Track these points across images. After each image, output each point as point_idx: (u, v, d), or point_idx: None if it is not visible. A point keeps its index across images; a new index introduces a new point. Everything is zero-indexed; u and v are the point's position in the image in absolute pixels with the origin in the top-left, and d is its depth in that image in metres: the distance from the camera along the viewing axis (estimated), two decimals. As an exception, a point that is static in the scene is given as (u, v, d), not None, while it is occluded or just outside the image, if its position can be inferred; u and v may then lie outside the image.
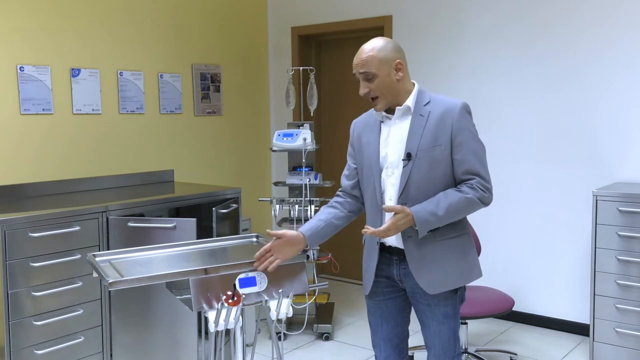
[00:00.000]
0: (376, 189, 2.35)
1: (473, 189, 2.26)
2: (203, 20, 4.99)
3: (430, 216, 2.22)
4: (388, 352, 2.51)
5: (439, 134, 2.26)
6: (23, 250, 3.08)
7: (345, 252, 5.37)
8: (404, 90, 2.33)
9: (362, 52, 2.30)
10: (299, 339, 4.25)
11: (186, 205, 3.90)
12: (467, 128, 2.28)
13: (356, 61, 2.31)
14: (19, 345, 3.08)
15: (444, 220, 2.25)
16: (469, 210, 2.29)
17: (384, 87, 2.29)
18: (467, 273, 2.37)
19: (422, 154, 2.26)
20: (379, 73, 2.27)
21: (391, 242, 2.36)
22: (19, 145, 3.86)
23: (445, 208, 2.22)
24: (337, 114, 5.55)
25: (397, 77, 2.30)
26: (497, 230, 4.51)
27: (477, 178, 2.27)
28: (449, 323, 2.38)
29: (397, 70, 2.30)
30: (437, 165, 2.27)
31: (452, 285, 2.33)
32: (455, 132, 2.26)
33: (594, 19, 4.04)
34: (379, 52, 2.28)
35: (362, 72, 2.29)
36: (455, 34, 4.60)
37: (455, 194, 2.25)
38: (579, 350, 4.01)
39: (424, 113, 2.30)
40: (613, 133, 4.03)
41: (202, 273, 2.17)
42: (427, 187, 2.27)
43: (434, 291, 2.31)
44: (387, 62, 2.28)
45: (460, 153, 2.26)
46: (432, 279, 2.31)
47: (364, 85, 2.31)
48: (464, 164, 2.26)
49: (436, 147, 2.26)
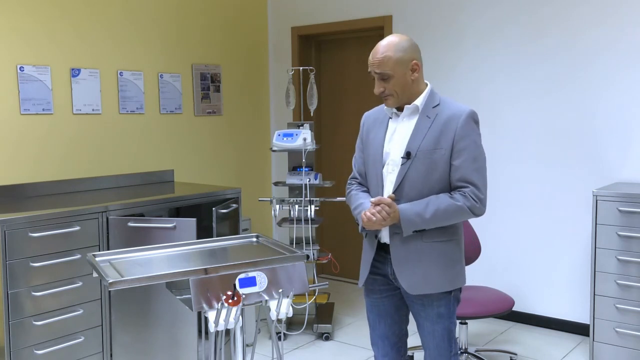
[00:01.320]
0: (378, 184, 2.36)
1: (465, 197, 2.24)
2: (203, 20, 4.99)
3: (416, 217, 2.23)
4: (386, 350, 2.52)
5: (442, 138, 2.26)
6: (23, 250, 3.08)
7: (345, 252, 5.37)
8: (417, 90, 2.33)
9: (378, 52, 2.28)
10: (299, 339, 4.25)
11: (186, 205, 3.90)
12: (470, 136, 2.26)
13: (372, 60, 2.29)
14: (19, 345, 3.08)
15: (430, 224, 2.25)
16: (458, 218, 2.28)
17: (399, 87, 2.29)
18: (451, 280, 2.35)
19: (421, 154, 2.26)
20: (395, 74, 2.27)
21: (383, 238, 2.37)
22: (19, 145, 3.86)
23: (432, 211, 2.22)
24: (337, 114, 5.55)
25: (412, 78, 2.30)
26: (497, 230, 4.51)
27: (471, 187, 2.25)
28: (443, 323, 2.37)
29: (412, 71, 2.29)
30: (435, 168, 2.26)
31: (434, 289, 2.32)
32: (457, 139, 2.25)
33: (594, 18, 4.04)
34: (396, 53, 2.26)
35: (377, 72, 2.28)
36: (455, 34, 4.59)
37: (446, 199, 2.25)
38: (579, 350, 4.01)
39: (431, 115, 2.30)
40: (613, 133, 4.03)
41: (202, 273, 2.17)
42: (422, 188, 2.27)
43: (414, 291, 2.32)
44: (404, 63, 2.27)
45: (459, 159, 2.25)
46: (413, 279, 2.31)
47: (379, 84, 2.30)
48: (460, 170, 2.25)
49: (437, 150, 2.26)
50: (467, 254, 3.61)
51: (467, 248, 3.64)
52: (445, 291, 2.35)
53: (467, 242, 3.68)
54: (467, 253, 3.60)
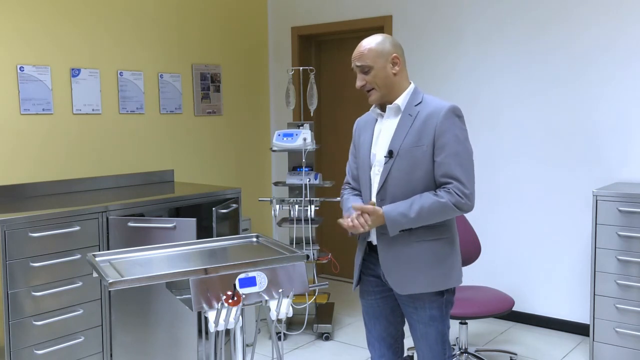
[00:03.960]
0: (367, 186, 2.38)
1: (449, 193, 2.22)
2: (203, 21, 4.99)
3: (401, 217, 2.22)
4: (382, 351, 2.52)
5: (422, 135, 2.26)
6: (23, 250, 3.08)
7: (345, 252, 5.37)
8: (399, 86, 2.34)
9: (361, 46, 2.34)
10: (299, 339, 4.25)
11: (186, 205, 3.90)
12: (451, 131, 2.25)
13: (354, 54, 2.35)
14: (19, 345, 3.08)
15: (416, 223, 2.24)
16: (444, 215, 2.26)
17: (379, 79, 2.31)
18: (442, 279, 2.32)
19: (403, 152, 2.27)
20: (375, 65, 2.30)
21: (372, 239, 2.37)
22: (19, 145, 3.86)
23: (417, 210, 2.22)
24: (337, 114, 5.55)
25: (393, 71, 2.31)
26: (497, 231, 4.51)
27: (455, 182, 2.23)
28: (436, 325, 2.36)
29: (393, 64, 2.31)
30: (418, 165, 2.26)
31: (423, 289, 2.31)
32: (438, 134, 2.24)
33: (594, 18, 4.04)
34: (377, 46, 2.31)
35: (358, 65, 2.33)
36: (455, 34, 4.60)
37: (429, 197, 2.24)
38: (579, 350, 4.01)
39: (413, 113, 2.30)
40: (613, 133, 4.03)
41: (202, 273, 2.17)
42: (406, 187, 2.27)
43: (403, 291, 2.32)
44: (384, 55, 2.30)
45: (441, 156, 2.24)
46: (402, 279, 2.31)
47: (360, 78, 2.35)
48: (442, 166, 2.24)
49: (418, 147, 2.25)
50: (467, 254, 3.61)
51: (467, 248, 3.65)
52: (436, 292, 2.33)
53: (467, 242, 3.68)
54: (467, 253, 3.61)
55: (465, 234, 3.69)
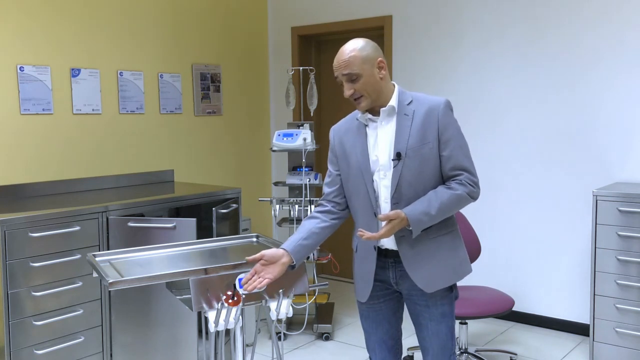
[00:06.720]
0: (369, 194, 2.34)
1: (462, 184, 2.27)
2: (203, 20, 4.99)
3: (424, 216, 2.23)
4: (383, 354, 2.51)
5: (426, 132, 2.27)
6: (23, 250, 3.08)
7: (345, 252, 5.37)
8: (387, 89, 2.33)
9: (343, 54, 2.27)
10: (299, 339, 4.25)
11: (186, 205, 3.90)
12: (452, 125, 2.30)
13: (337, 63, 2.27)
14: (19, 345, 3.08)
15: (437, 219, 2.26)
16: (460, 206, 2.31)
17: (369, 86, 2.28)
18: (460, 269, 2.39)
19: (411, 152, 2.27)
20: (363, 72, 2.25)
21: (387, 244, 2.36)
22: (18, 145, 3.86)
23: (437, 207, 2.23)
24: (337, 114, 5.55)
25: (380, 76, 2.29)
26: (497, 231, 4.51)
27: (465, 173, 2.28)
28: (447, 322, 2.38)
29: (379, 68, 2.29)
30: (427, 163, 2.27)
31: (448, 282, 2.34)
32: (441, 130, 2.27)
33: (595, 20, 4.04)
34: (361, 52, 2.25)
35: (345, 74, 2.26)
36: (456, 34, 4.60)
37: (445, 191, 2.26)
38: (579, 350, 4.01)
39: (409, 112, 2.30)
40: (613, 133, 4.03)
41: (202, 273, 2.17)
42: (418, 186, 2.28)
43: (431, 289, 2.31)
44: (370, 60, 2.27)
45: (448, 149, 2.27)
46: (428, 277, 2.31)
47: (348, 86, 2.28)
48: (451, 159, 2.28)
49: (425, 145, 2.27)
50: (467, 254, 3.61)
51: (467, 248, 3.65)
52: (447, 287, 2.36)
53: (467, 241, 3.68)
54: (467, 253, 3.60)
55: (465, 234, 3.69)
